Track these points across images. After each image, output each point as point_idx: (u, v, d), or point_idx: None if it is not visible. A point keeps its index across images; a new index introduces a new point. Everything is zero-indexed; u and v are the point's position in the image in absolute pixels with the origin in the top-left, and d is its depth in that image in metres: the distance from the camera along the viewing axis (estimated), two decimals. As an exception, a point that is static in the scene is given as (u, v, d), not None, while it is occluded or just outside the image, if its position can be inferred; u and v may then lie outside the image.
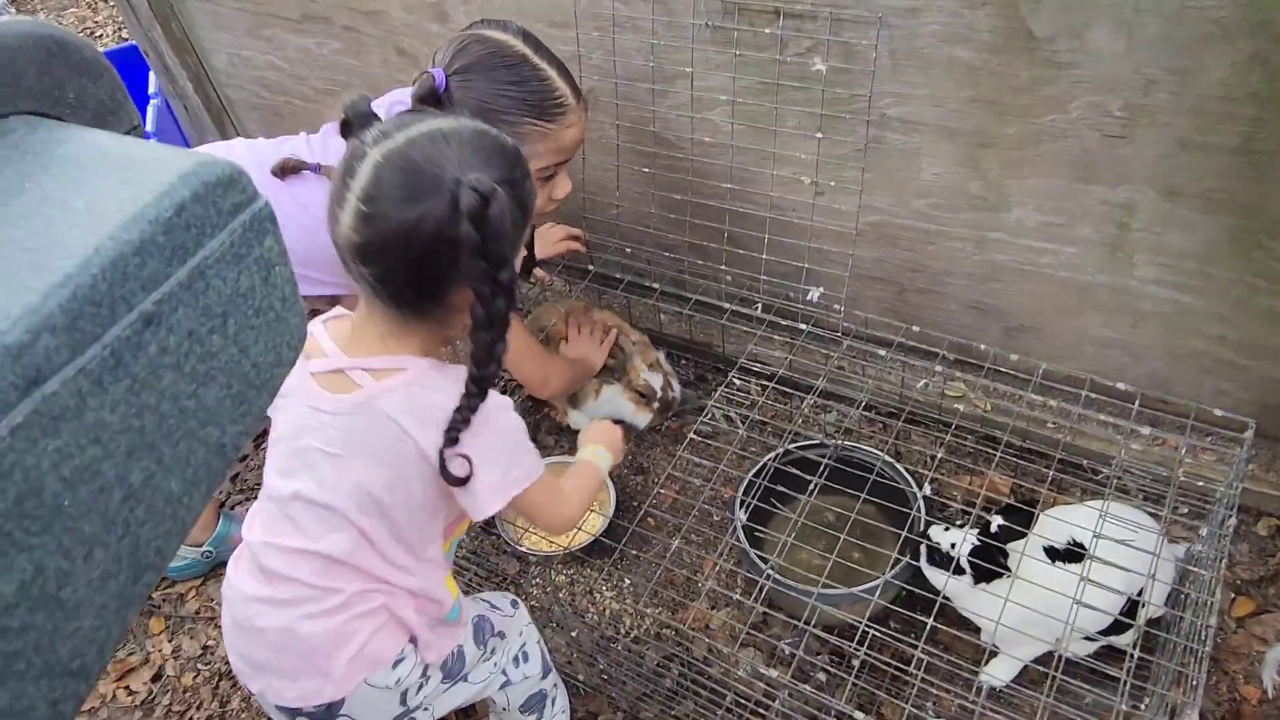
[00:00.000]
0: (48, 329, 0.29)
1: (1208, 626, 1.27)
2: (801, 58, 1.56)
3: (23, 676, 0.29)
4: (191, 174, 0.34)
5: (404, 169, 0.95)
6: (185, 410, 0.34)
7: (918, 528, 1.53)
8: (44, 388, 0.29)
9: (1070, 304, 1.65)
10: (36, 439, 0.29)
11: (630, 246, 1.97)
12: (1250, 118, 1.31)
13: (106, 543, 0.32)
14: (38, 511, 0.29)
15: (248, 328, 0.36)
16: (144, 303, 0.32)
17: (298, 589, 1.09)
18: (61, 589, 0.30)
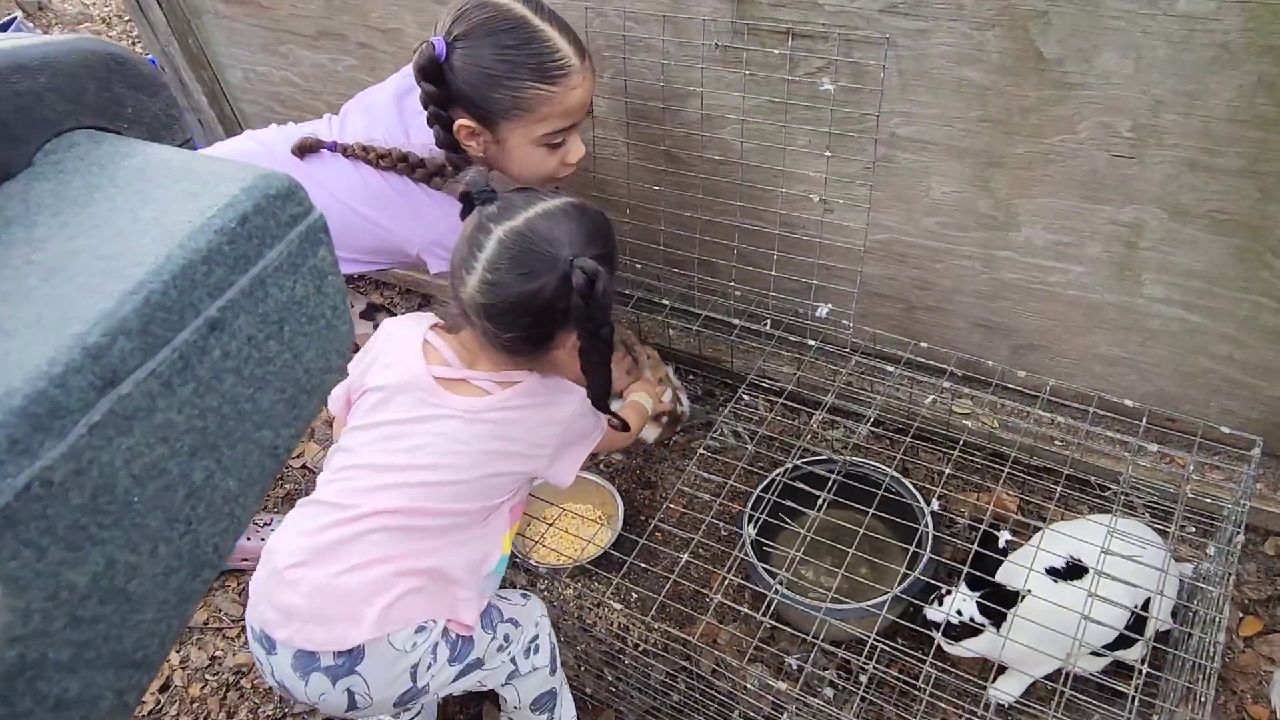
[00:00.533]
0: (123, 333, 0.31)
1: (1216, 643, 1.28)
2: (811, 77, 1.58)
3: (93, 665, 0.30)
4: (254, 187, 0.35)
5: (524, 249, 1.16)
6: (243, 413, 0.35)
7: (926, 543, 1.53)
8: (119, 388, 0.30)
9: (1078, 322, 1.66)
10: (111, 437, 0.30)
11: (640, 262, 1.99)
12: (1256, 140, 1.33)
13: (170, 539, 0.33)
14: (110, 507, 0.30)
15: (301, 334, 0.37)
16: (210, 309, 0.33)
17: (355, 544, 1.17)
18: (129, 582, 0.31)
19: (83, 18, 4.73)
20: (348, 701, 1.20)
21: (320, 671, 1.18)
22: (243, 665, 1.91)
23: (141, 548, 0.32)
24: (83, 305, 0.31)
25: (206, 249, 0.33)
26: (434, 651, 1.23)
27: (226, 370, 0.34)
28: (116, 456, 0.30)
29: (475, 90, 1.42)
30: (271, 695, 1.85)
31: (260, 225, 0.35)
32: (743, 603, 1.77)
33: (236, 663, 1.91)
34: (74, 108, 0.38)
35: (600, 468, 2.07)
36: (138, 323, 0.31)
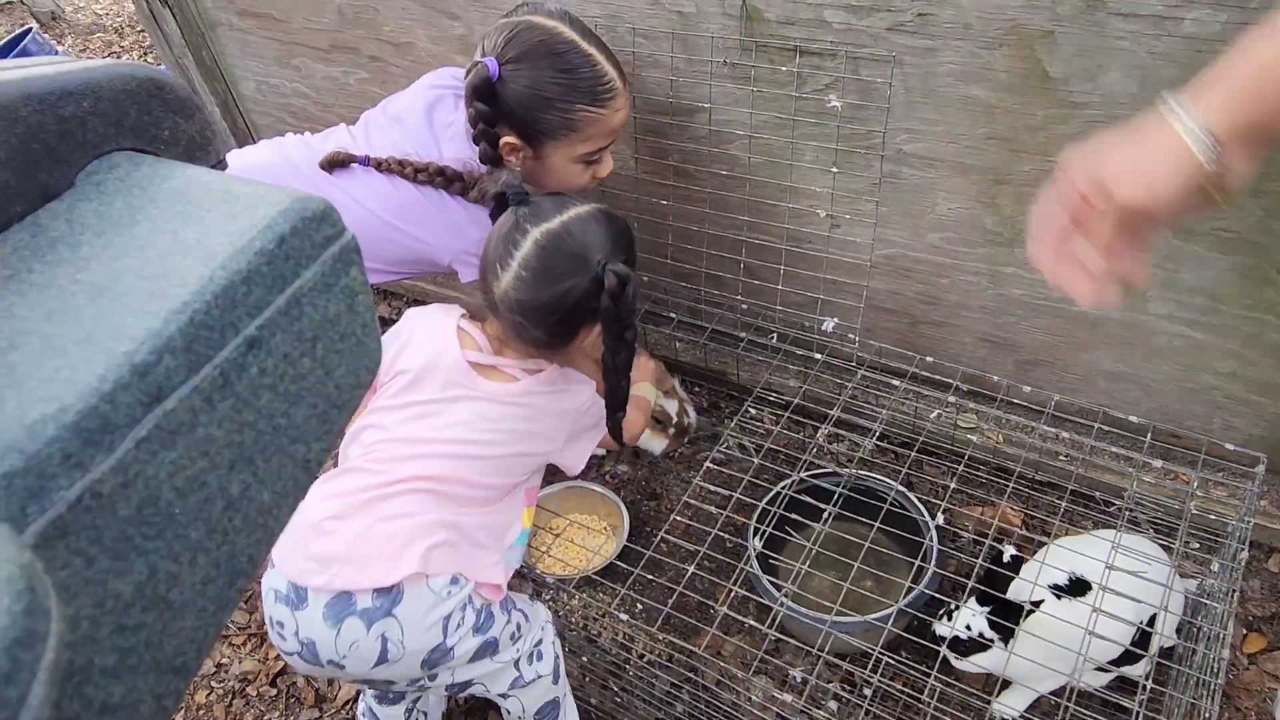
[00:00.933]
0: (169, 350, 0.32)
1: (1220, 659, 1.28)
2: (819, 94, 1.60)
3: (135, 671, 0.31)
4: (291, 210, 0.36)
5: (560, 249, 1.25)
6: (278, 427, 0.36)
7: (931, 556, 1.54)
8: (164, 404, 0.32)
9: (1083, 338, 1.67)
10: (156, 451, 0.31)
11: (647, 275, 2.00)
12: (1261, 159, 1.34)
13: (208, 549, 0.34)
14: (154, 519, 0.32)
15: (333, 351, 0.39)
16: (249, 328, 0.35)
17: (392, 500, 1.23)
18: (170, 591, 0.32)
19: (95, 27, 4.78)
20: (379, 650, 1.19)
21: (356, 615, 1.18)
22: (248, 673, 1.92)
23: (182, 557, 0.33)
24: (130, 324, 0.32)
25: (247, 270, 0.35)
26: (464, 610, 1.25)
27: (263, 387, 0.35)
28: (161, 470, 0.32)
29: (526, 111, 1.46)
30: (278, 702, 1.85)
31: (297, 247, 0.36)
32: (748, 615, 1.78)
33: (242, 670, 1.92)
34: (115, 131, 0.40)
35: (606, 479, 2.08)
36: (182, 341, 0.32)
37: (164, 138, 0.42)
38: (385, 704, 1.52)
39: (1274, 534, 1.70)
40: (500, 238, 1.29)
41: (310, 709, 1.84)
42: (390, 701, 1.52)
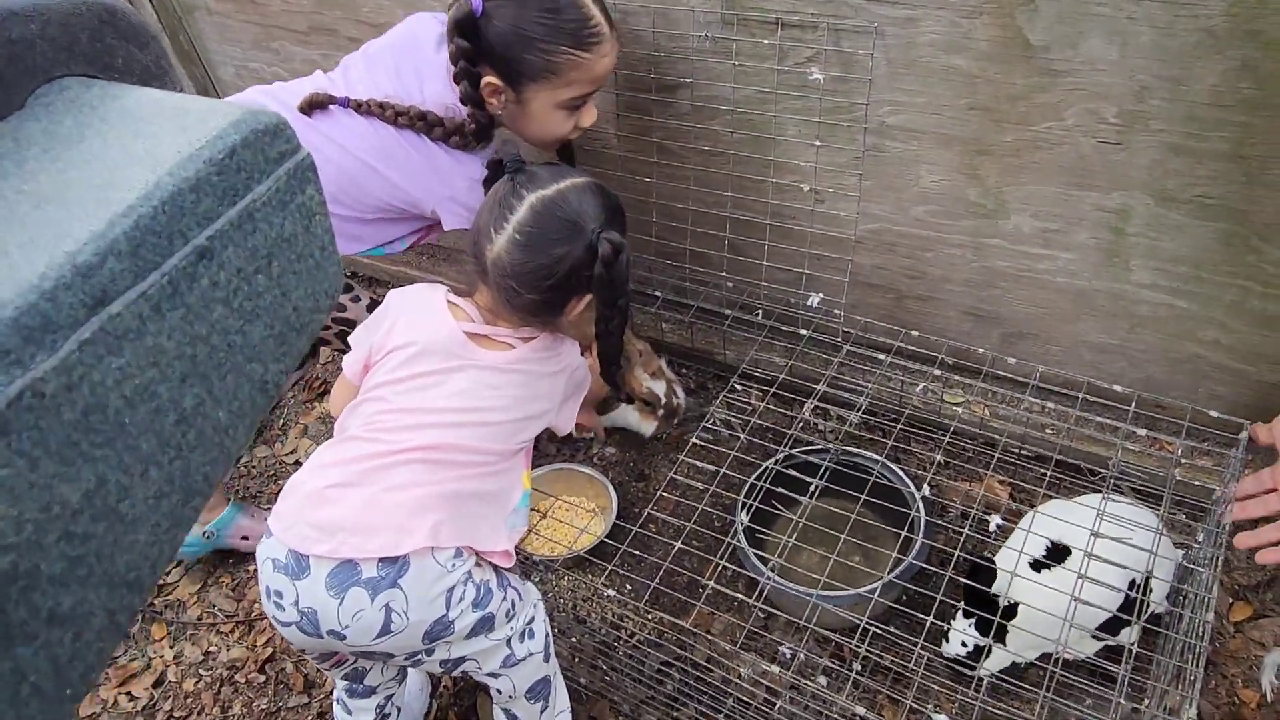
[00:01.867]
0: (113, 253, 0.31)
1: (1205, 623, 1.28)
2: (800, 67, 1.59)
3: (85, 582, 0.30)
4: (242, 121, 0.36)
5: (556, 216, 1.25)
6: (233, 345, 0.36)
7: (918, 528, 1.54)
8: (109, 308, 0.31)
9: (1067, 310, 1.68)
10: (102, 355, 0.31)
11: (633, 255, 1.99)
12: (1241, 124, 1.35)
13: (161, 463, 0.33)
14: (102, 426, 0.31)
15: (290, 272, 0.38)
16: (199, 237, 0.34)
17: (398, 469, 1.22)
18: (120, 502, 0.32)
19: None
20: (383, 621, 1.18)
21: (360, 585, 1.16)
22: (237, 660, 1.91)
23: (133, 469, 0.32)
24: (74, 227, 0.31)
25: (195, 178, 0.34)
26: (466, 584, 1.24)
27: (216, 300, 0.35)
28: (108, 376, 0.31)
29: (509, 50, 1.44)
30: (266, 689, 1.85)
31: (248, 159, 0.36)
32: (737, 591, 1.77)
33: (230, 658, 1.91)
34: (65, 56, 0.39)
35: (594, 461, 2.07)
36: (127, 245, 0.32)
37: (117, 65, 0.41)
38: (356, 697, 1.51)
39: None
40: (494, 204, 1.29)
41: (299, 695, 1.83)
42: (361, 695, 1.51)
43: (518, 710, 1.45)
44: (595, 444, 2.11)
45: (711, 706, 1.49)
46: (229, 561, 2.08)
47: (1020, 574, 1.41)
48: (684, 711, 1.57)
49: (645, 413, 2.01)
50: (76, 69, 0.40)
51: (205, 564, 2.09)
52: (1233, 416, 1.45)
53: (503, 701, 1.44)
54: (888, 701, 1.57)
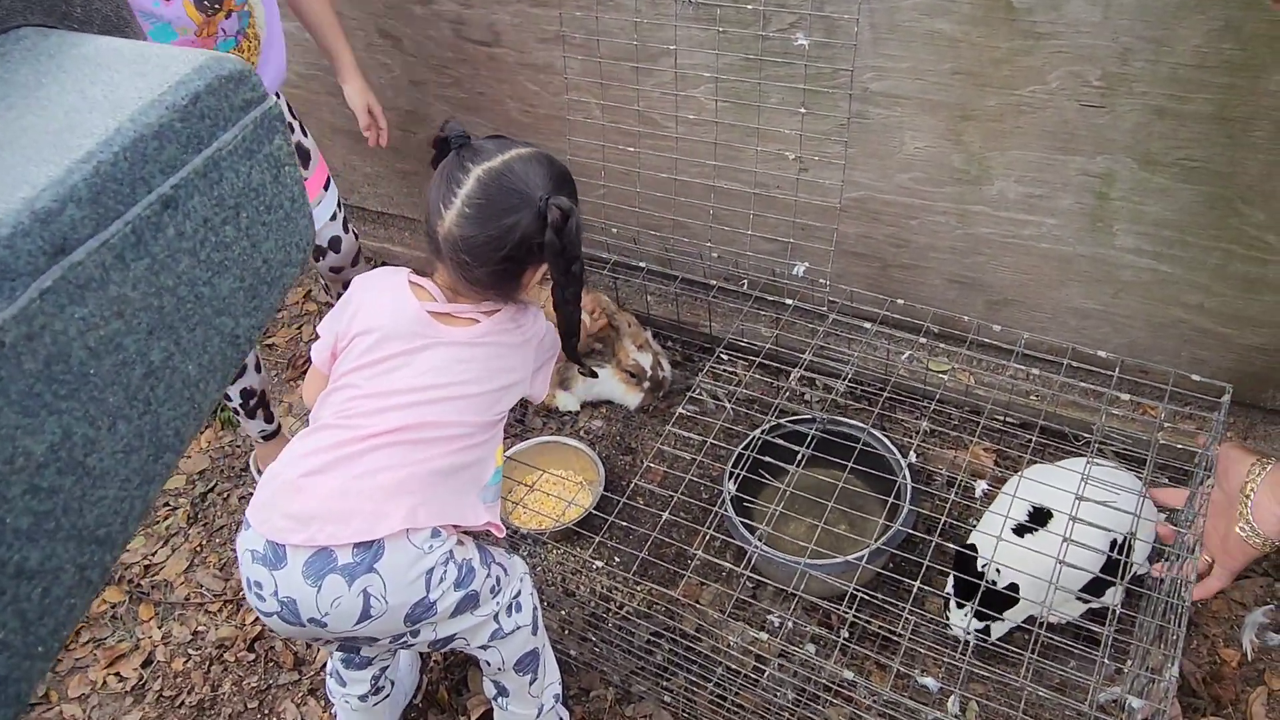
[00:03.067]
0: (73, 200, 0.30)
1: (1187, 583, 1.30)
2: (784, 33, 1.58)
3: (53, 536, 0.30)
4: (205, 67, 0.35)
5: (503, 186, 1.24)
6: (201, 297, 0.35)
7: (905, 494, 1.55)
8: (71, 256, 0.30)
9: (1052, 276, 1.68)
10: (64, 305, 0.30)
11: (616, 226, 1.98)
12: (1224, 85, 1.34)
13: (129, 416, 0.33)
14: (65, 377, 0.30)
15: (259, 223, 0.37)
16: (163, 186, 0.33)
17: (370, 455, 1.22)
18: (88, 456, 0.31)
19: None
20: (362, 607, 1.18)
21: (336, 572, 1.17)
22: (225, 639, 1.90)
23: (100, 422, 0.31)
24: (31, 173, 0.30)
25: (157, 124, 0.33)
26: (446, 564, 1.24)
27: (182, 251, 0.34)
28: (70, 326, 0.30)
29: None
30: (256, 667, 1.85)
31: (212, 106, 0.35)
32: (725, 560, 1.78)
33: (219, 636, 1.91)
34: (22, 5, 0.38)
35: (581, 434, 2.07)
36: (87, 192, 0.31)
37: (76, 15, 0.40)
38: (352, 668, 1.51)
39: (1241, 465, 1.72)
40: (443, 179, 1.28)
41: (289, 672, 1.83)
42: (358, 666, 1.51)
43: (506, 682, 1.46)
44: (582, 416, 2.10)
45: (701, 675, 1.50)
46: (216, 541, 2.08)
47: (1005, 538, 1.42)
48: (674, 681, 1.58)
49: (631, 385, 2.01)
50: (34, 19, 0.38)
51: (192, 544, 2.08)
52: (1215, 380, 1.46)
53: (491, 673, 1.45)
54: (875, 667, 1.58)
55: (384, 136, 1.86)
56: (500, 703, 1.49)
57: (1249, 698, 1.53)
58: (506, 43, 1.88)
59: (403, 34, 2.00)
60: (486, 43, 1.91)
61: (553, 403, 2.10)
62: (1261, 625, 1.60)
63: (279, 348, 2.54)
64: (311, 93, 2.30)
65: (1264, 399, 1.67)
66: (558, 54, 1.82)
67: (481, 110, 2.06)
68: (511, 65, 1.92)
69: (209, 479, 2.22)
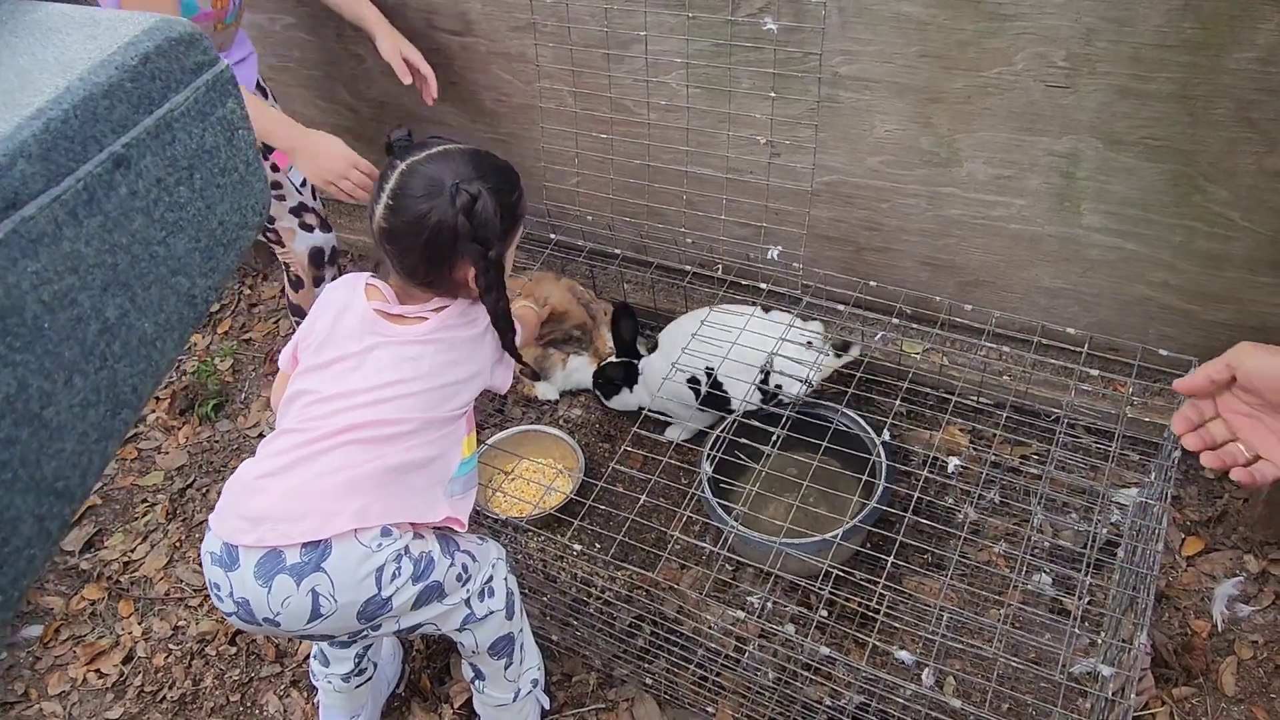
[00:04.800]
0: (23, 155, 0.31)
1: (1155, 553, 1.32)
2: (753, 18, 1.59)
3: (10, 486, 0.30)
4: (155, 29, 0.35)
5: (420, 176, 1.29)
6: (156, 256, 0.36)
7: (879, 472, 1.56)
8: (22, 211, 0.31)
9: (1021, 256, 1.70)
10: (16, 259, 0.30)
11: (591, 214, 1.99)
12: (1185, 64, 1.36)
13: (85, 371, 0.33)
14: (19, 329, 0.31)
15: (214, 185, 0.38)
16: (114, 144, 0.34)
17: (324, 456, 1.23)
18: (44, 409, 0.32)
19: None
20: (311, 606, 1.20)
21: (285, 572, 1.18)
22: (206, 633, 1.90)
23: (56, 376, 0.32)
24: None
25: (107, 84, 0.33)
26: (399, 561, 1.25)
27: (135, 210, 0.34)
28: (24, 279, 0.31)
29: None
30: (238, 660, 1.84)
31: (163, 68, 0.35)
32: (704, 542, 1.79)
33: (200, 631, 1.91)
34: (-26, -24, 0.38)
35: (560, 423, 2.08)
36: (37, 148, 0.31)
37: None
38: (336, 645, 1.52)
39: (1210, 440, 1.74)
40: (376, 182, 1.35)
41: (271, 664, 1.83)
42: (341, 644, 1.52)
43: (482, 665, 1.47)
44: (561, 405, 2.11)
45: (682, 658, 1.52)
46: (195, 536, 2.07)
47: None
48: (656, 664, 1.59)
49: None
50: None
51: (171, 539, 2.08)
52: (1182, 355, 1.48)
53: (467, 655, 1.46)
54: (854, 644, 1.60)
55: (432, 87, 1.85)
56: (478, 685, 1.50)
57: (1219, 668, 1.56)
58: (478, 32, 1.88)
59: (374, 25, 2.00)
60: (458, 32, 1.90)
61: (532, 392, 2.11)
62: (1231, 597, 1.63)
63: (256, 342, 2.53)
64: (284, 85, 2.29)
65: (1230, 374, 1.70)
66: (529, 42, 1.82)
67: (454, 100, 2.06)
68: (483, 54, 1.92)
69: (188, 474, 2.21)
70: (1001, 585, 1.64)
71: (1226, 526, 1.75)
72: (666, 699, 1.61)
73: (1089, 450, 1.73)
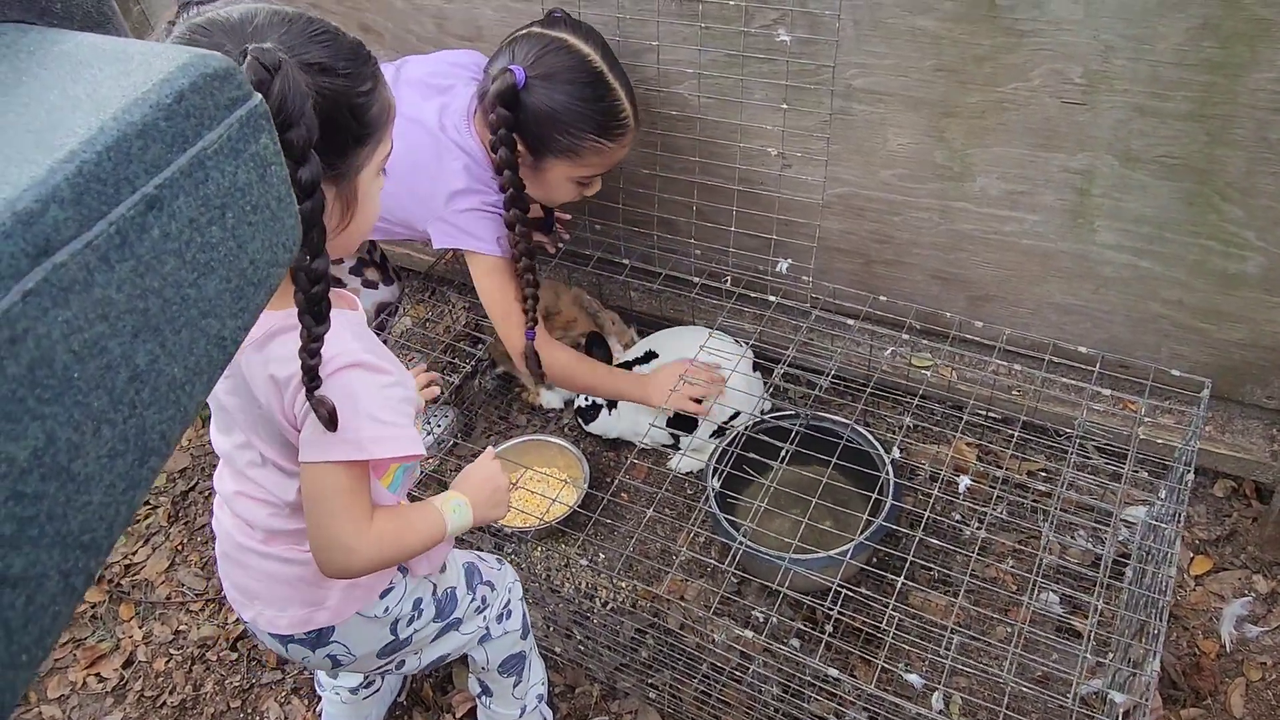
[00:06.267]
0: (55, 201, 0.30)
1: (1168, 577, 1.31)
2: (767, 29, 1.58)
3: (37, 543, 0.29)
4: (190, 65, 0.34)
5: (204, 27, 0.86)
6: (187, 298, 0.35)
7: (888, 490, 1.56)
8: (54, 258, 0.30)
9: (1033, 271, 1.69)
10: (47, 308, 0.30)
11: (600, 223, 1.98)
12: (1203, 83, 1.35)
13: (114, 421, 0.32)
14: (49, 381, 0.30)
15: (245, 223, 0.37)
16: (147, 185, 0.33)
17: (275, 535, 1.12)
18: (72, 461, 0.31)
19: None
20: (331, 664, 1.20)
21: (297, 644, 1.17)
22: (208, 638, 1.89)
23: (84, 427, 0.31)
24: (12, 174, 0.30)
25: (141, 123, 0.32)
26: (417, 607, 1.22)
27: (167, 252, 0.34)
28: (54, 329, 0.30)
29: (540, 126, 1.52)
30: (239, 666, 1.83)
31: (197, 104, 0.34)
32: (710, 556, 1.78)
33: (201, 636, 1.89)
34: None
35: (565, 432, 2.07)
36: (70, 192, 0.30)
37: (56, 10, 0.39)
38: None
39: (1219, 459, 1.74)
40: None
41: (272, 670, 1.82)
42: None
43: (490, 682, 1.46)
44: (566, 413, 2.10)
45: (686, 672, 1.51)
46: (197, 540, 2.06)
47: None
48: (659, 678, 1.58)
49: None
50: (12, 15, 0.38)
51: (173, 542, 2.07)
52: (1194, 375, 1.47)
53: (476, 670, 1.45)
54: (860, 662, 1.59)
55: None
56: (484, 701, 1.49)
57: (1228, 689, 1.55)
58: (489, 37, 1.87)
59: (384, 28, 1.99)
60: (469, 38, 1.89)
61: (536, 400, 2.10)
62: (1240, 617, 1.63)
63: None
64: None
65: (1242, 394, 1.69)
66: (541, 49, 1.81)
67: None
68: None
69: (190, 477, 2.20)
70: (1009, 604, 1.63)
71: (1235, 546, 1.74)
72: (670, 713, 1.60)
73: (1098, 469, 1.72)
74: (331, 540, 1.00)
